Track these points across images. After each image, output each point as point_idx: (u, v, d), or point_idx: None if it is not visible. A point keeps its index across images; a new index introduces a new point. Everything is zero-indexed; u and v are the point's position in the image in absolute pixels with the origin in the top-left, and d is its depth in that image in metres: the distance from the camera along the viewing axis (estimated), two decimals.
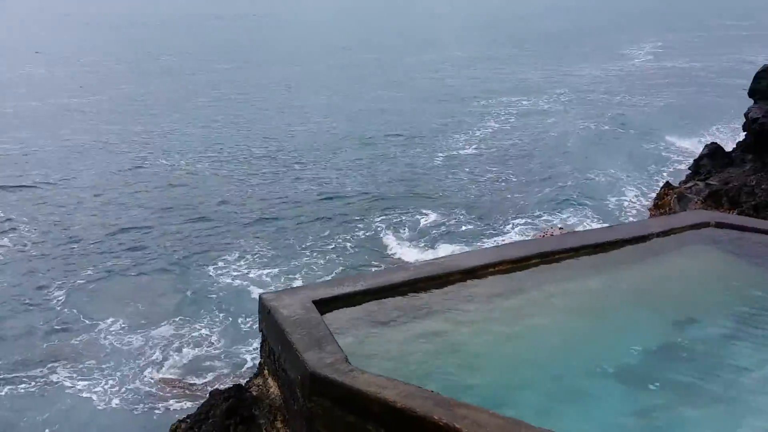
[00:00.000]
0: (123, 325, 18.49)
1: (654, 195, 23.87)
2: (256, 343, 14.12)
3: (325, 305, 7.75)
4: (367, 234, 24.10)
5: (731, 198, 17.95)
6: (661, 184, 24.22)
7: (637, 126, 40.46)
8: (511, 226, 24.57)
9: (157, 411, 15.13)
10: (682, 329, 8.24)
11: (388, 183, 29.94)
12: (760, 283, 9.59)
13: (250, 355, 17.00)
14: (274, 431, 7.56)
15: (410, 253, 22.20)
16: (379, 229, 24.61)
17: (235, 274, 21.37)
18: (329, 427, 6.25)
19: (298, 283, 19.95)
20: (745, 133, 21.25)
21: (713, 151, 22.49)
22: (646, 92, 52.53)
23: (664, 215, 19.01)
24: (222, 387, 9.34)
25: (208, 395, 8.69)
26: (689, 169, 23.48)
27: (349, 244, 23.14)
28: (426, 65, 68.18)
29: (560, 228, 21.28)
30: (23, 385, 16.12)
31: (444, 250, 22.12)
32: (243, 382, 8.89)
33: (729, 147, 22.88)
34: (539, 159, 33.36)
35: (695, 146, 31.21)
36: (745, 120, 21.08)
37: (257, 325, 8.62)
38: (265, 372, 8.32)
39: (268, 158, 34.06)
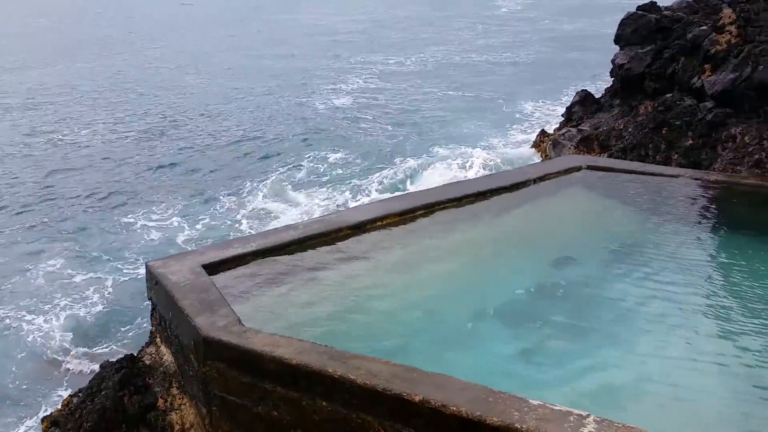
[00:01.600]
0: (36, 281, 17.73)
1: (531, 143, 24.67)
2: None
3: (214, 269, 7.67)
4: (259, 186, 23.95)
5: (601, 142, 18.80)
6: (536, 131, 25.05)
7: (509, 77, 41.42)
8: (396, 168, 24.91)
9: (55, 377, 14.60)
10: (559, 269, 8.73)
11: (271, 136, 30.03)
12: (627, 220, 10.27)
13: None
14: (170, 398, 7.51)
15: (302, 206, 22.21)
16: (269, 179, 24.52)
17: (144, 227, 21.02)
18: (225, 390, 6.27)
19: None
20: (613, 79, 22.19)
21: (584, 97, 23.43)
22: (519, 44, 53.84)
23: (540, 161, 19.80)
24: (113, 358, 9.13)
25: (99, 367, 8.49)
26: (562, 116, 24.39)
27: (245, 198, 22.99)
28: (299, 30, 67.44)
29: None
30: None
31: (333, 198, 22.47)
32: (135, 352, 8.72)
33: (599, 93, 23.87)
34: (411, 114, 33.64)
35: (568, 94, 32.32)
36: (612, 66, 21.99)
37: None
38: (157, 340, 8.20)
39: (159, 119, 33.36)
